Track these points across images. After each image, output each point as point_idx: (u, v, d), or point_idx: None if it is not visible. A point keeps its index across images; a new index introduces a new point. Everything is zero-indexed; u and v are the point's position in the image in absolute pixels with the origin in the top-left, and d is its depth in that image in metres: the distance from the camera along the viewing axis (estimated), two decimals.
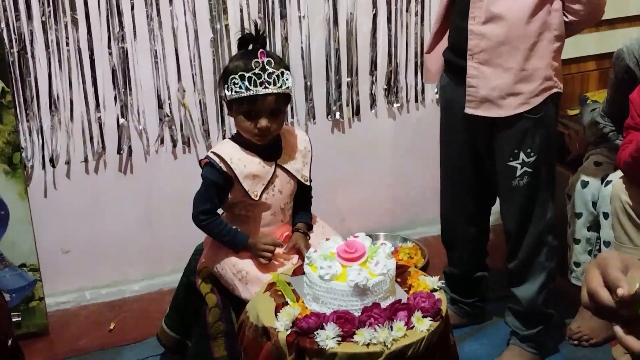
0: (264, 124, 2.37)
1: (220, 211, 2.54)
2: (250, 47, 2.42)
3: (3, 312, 2.16)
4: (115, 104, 3.10)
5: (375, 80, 3.44)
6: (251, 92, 2.32)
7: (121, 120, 3.12)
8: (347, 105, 3.43)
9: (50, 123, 3.05)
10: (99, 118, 3.10)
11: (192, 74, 3.15)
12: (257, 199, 2.42)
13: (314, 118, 3.38)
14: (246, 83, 2.32)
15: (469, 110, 2.56)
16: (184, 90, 3.16)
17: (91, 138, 3.12)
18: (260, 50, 2.35)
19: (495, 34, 2.46)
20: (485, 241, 2.95)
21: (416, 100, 3.54)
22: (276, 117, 2.40)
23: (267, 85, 2.33)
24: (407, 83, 3.49)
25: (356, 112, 3.46)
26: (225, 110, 3.02)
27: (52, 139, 3.07)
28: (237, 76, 2.32)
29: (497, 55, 2.48)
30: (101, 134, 3.12)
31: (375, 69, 3.42)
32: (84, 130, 3.10)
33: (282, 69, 2.36)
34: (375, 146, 3.56)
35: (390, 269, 2.13)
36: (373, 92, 3.46)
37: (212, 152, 2.44)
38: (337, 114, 3.42)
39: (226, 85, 2.36)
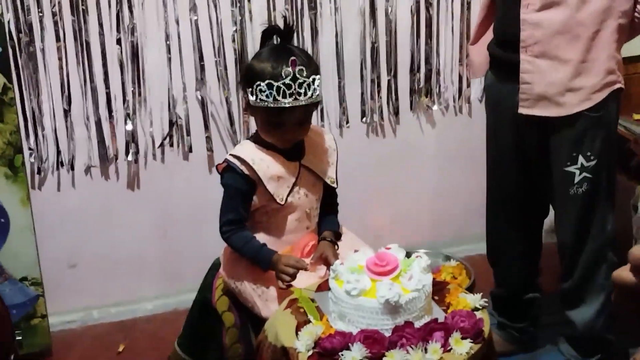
0: (290, 136, 2.35)
1: None
2: (277, 41, 2.39)
3: (5, 325, 2.16)
4: (125, 104, 3.10)
5: (417, 79, 3.41)
6: (279, 104, 2.27)
7: (129, 125, 3.12)
8: (386, 106, 3.40)
9: (58, 124, 3.05)
10: (111, 119, 3.10)
11: (217, 69, 3.14)
12: (283, 202, 2.38)
13: (347, 122, 3.36)
14: (274, 93, 2.26)
15: (523, 110, 2.49)
16: (210, 88, 3.16)
17: (102, 141, 3.12)
18: (292, 58, 2.28)
19: (552, 22, 2.39)
20: (536, 258, 2.89)
21: (459, 101, 3.51)
22: (304, 126, 2.39)
23: (297, 96, 2.27)
24: (453, 82, 3.46)
25: (395, 114, 3.43)
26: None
27: (60, 140, 3.07)
28: (264, 84, 2.26)
29: (554, 47, 2.41)
30: (113, 137, 3.12)
31: (417, 67, 3.39)
32: (94, 132, 3.11)
33: (313, 76, 2.31)
34: (416, 152, 3.54)
35: (426, 284, 2.09)
36: (414, 92, 3.43)
37: (231, 154, 2.41)
38: (375, 117, 3.40)
39: (250, 89, 2.31)
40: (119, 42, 3.02)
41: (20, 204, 2.87)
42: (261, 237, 2.44)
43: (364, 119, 3.38)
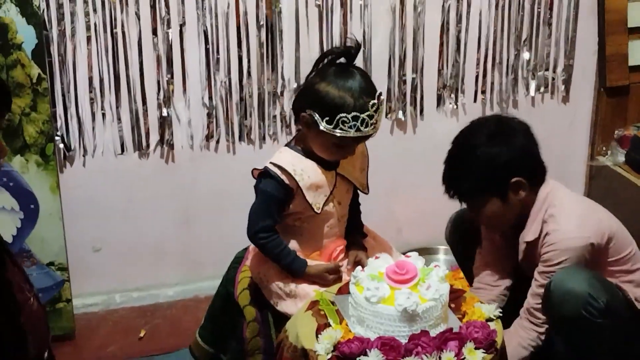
0: (352, 154, 2.50)
1: None
2: (343, 62, 2.47)
3: (42, 324, 2.29)
4: (159, 93, 3.24)
5: (444, 77, 3.53)
6: (361, 134, 2.39)
7: (165, 111, 3.26)
8: (411, 104, 3.54)
9: (88, 111, 3.20)
10: (145, 108, 3.24)
11: (244, 63, 3.28)
12: (319, 212, 2.51)
13: None
14: (358, 124, 2.37)
15: None
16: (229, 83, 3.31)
17: (132, 129, 3.26)
18: (379, 92, 2.41)
19: None
20: None
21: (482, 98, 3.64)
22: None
23: (374, 125, 2.41)
24: (477, 79, 3.59)
25: (420, 111, 3.56)
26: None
27: (89, 128, 3.22)
28: (349, 116, 2.36)
29: None
30: (146, 125, 3.27)
31: (445, 65, 3.52)
32: (126, 120, 3.25)
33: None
34: (439, 148, 3.47)
35: (443, 294, 2.20)
36: (440, 90, 3.56)
37: (271, 163, 2.50)
38: (400, 113, 3.53)
39: (328, 118, 2.38)
40: (154, 32, 3.17)
41: (50, 191, 3.02)
42: (293, 242, 2.57)
43: (389, 116, 3.51)
